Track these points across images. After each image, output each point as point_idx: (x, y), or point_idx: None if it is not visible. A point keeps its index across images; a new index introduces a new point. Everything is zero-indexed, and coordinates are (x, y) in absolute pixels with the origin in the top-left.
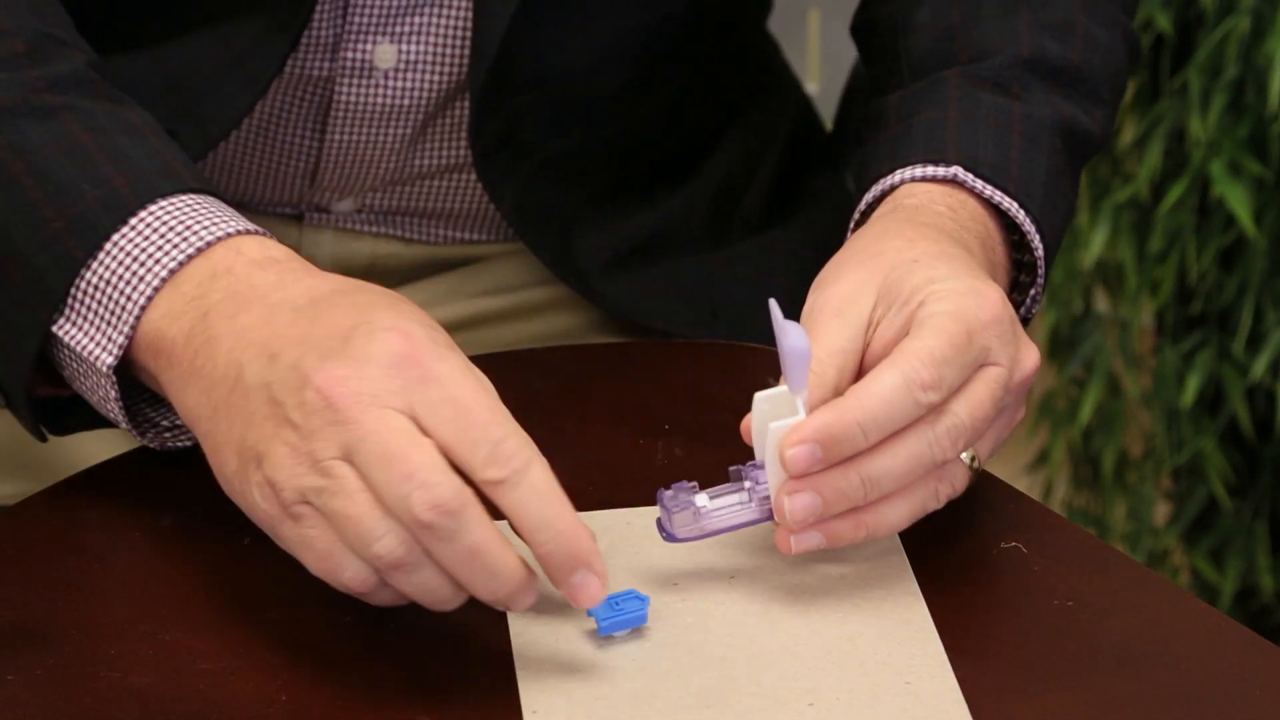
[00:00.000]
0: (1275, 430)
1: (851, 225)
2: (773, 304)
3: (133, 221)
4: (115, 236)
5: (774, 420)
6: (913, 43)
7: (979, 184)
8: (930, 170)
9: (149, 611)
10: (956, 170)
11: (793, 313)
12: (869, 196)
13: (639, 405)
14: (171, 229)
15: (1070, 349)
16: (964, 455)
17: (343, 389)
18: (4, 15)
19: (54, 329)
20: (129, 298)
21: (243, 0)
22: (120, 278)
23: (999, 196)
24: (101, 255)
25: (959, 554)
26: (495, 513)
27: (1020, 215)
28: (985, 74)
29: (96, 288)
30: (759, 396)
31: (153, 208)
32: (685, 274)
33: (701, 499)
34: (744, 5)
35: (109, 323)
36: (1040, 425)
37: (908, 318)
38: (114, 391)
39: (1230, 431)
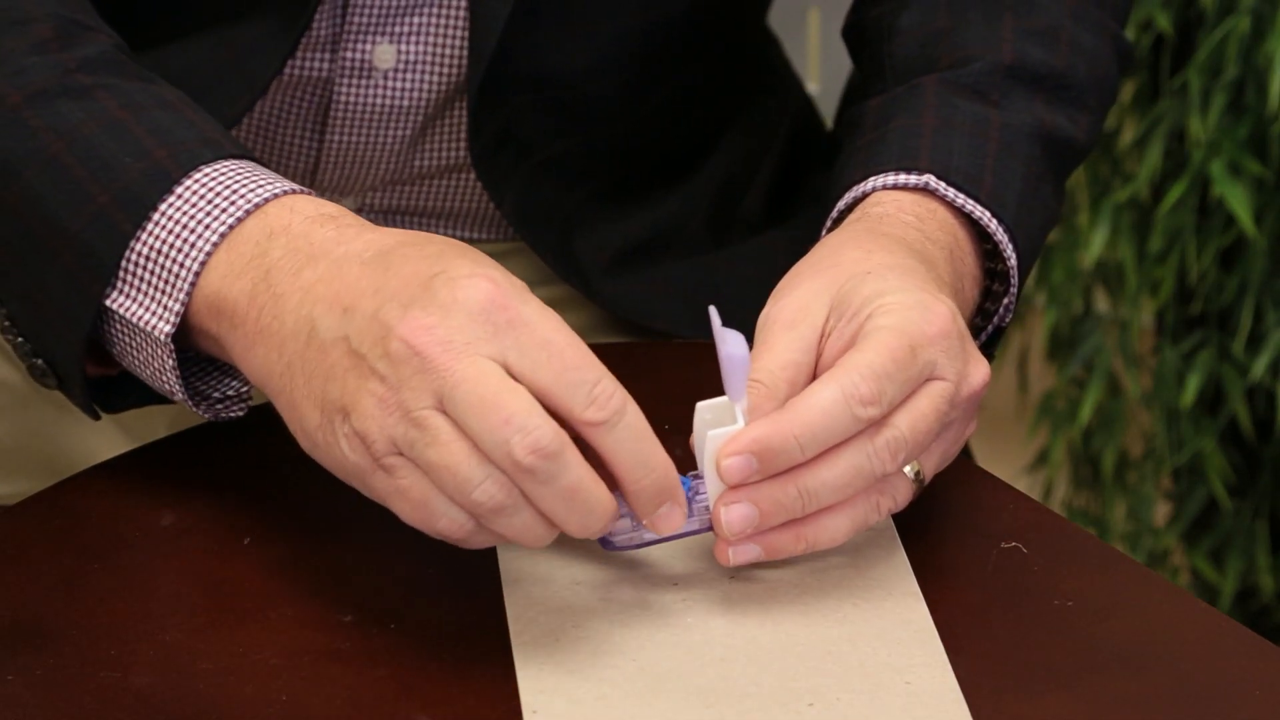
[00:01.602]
0: (1275, 430)
1: (823, 232)
2: (712, 311)
3: (178, 190)
4: (163, 206)
5: (715, 427)
6: (896, 47)
7: (950, 192)
8: (902, 178)
9: (149, 611)
10: (928, 178)
11: None
12: (841, 204)
13: (639, 405)
14: (219, 194)
15: (1070, 349)
16: (908, 469)
17: (430, 337)
18: (29, 2)
19: (107, 302)
20: (182, 265)
21: (245, 2)
22: (171, 245)
23: (970, 205)
24: (150, 226)
25: (959, 554)
26: None
27: (993, 225)
28: (964, 81)
29: (148, 258)
30: (701, 406)
31: (197, 175)
32: (686, 274)
33: None
34: (744, 5)
35: (164, 291)
36: (1040, 425)
37: (856, 330)
38: (171, 360)
39: (1230, 431)
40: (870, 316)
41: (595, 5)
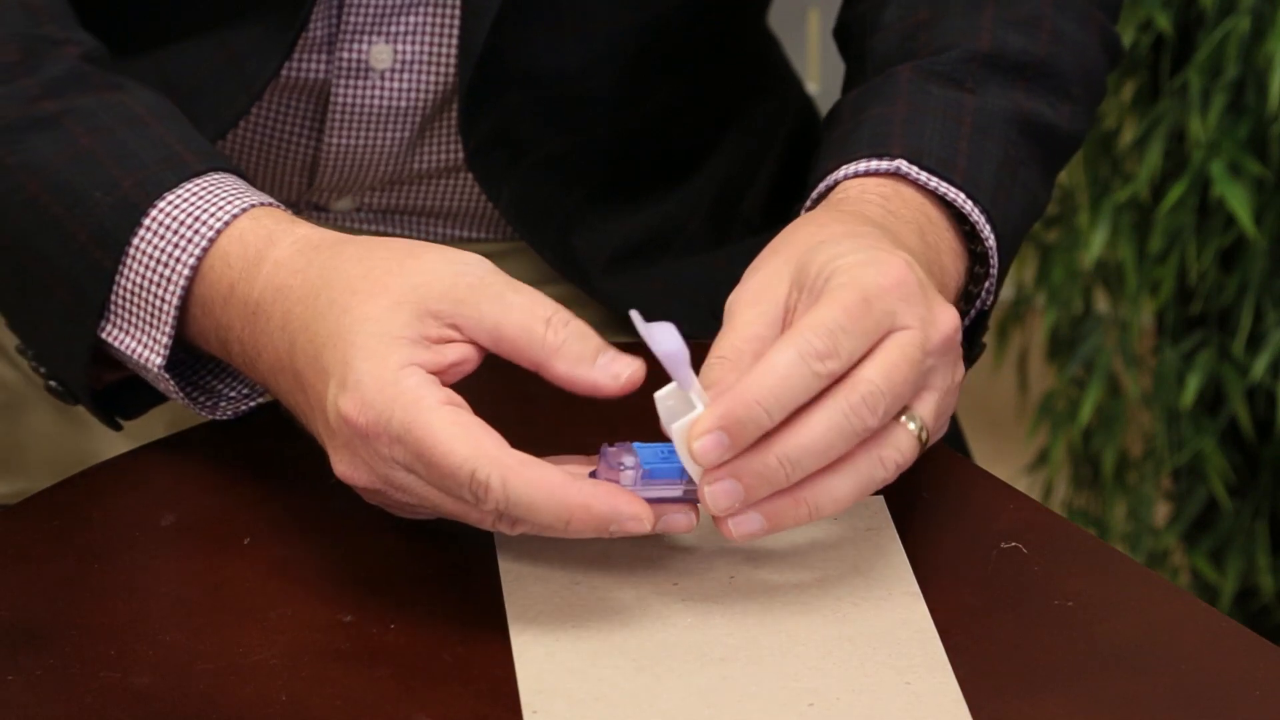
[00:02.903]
0: (1275, 430)
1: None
2: (634, 315)
3: (146, 222)
4: (135, 240)
5: (678, 417)
6: (877, 41)
7: (922, 176)
8: (874, 164)
9: (149, 611)
10: (900, 163)
11: None
12: (814, 194)
13: (640, 406)
14: (183, 224)
15: (1070, 349)
16: (906, 420)
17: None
18: None
19: (101, 335)
20: (162, 299)
21: (241, 3)
22: (150, 280)
23: (944, 187)
24: (128, 260)
25: (959, 554)
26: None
27: (968, 206)
28: (938, 68)
29: (132, 294)
30: (659, 395)
31: (161, 204)
32: (685, 274)
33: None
34: (741, 4)
35: (151, 324)
36: (1040, 425)
37: (816, 297)
38: (173, 385)
39: (1230, 431)
40: (827, 280)
41: (588, 3)
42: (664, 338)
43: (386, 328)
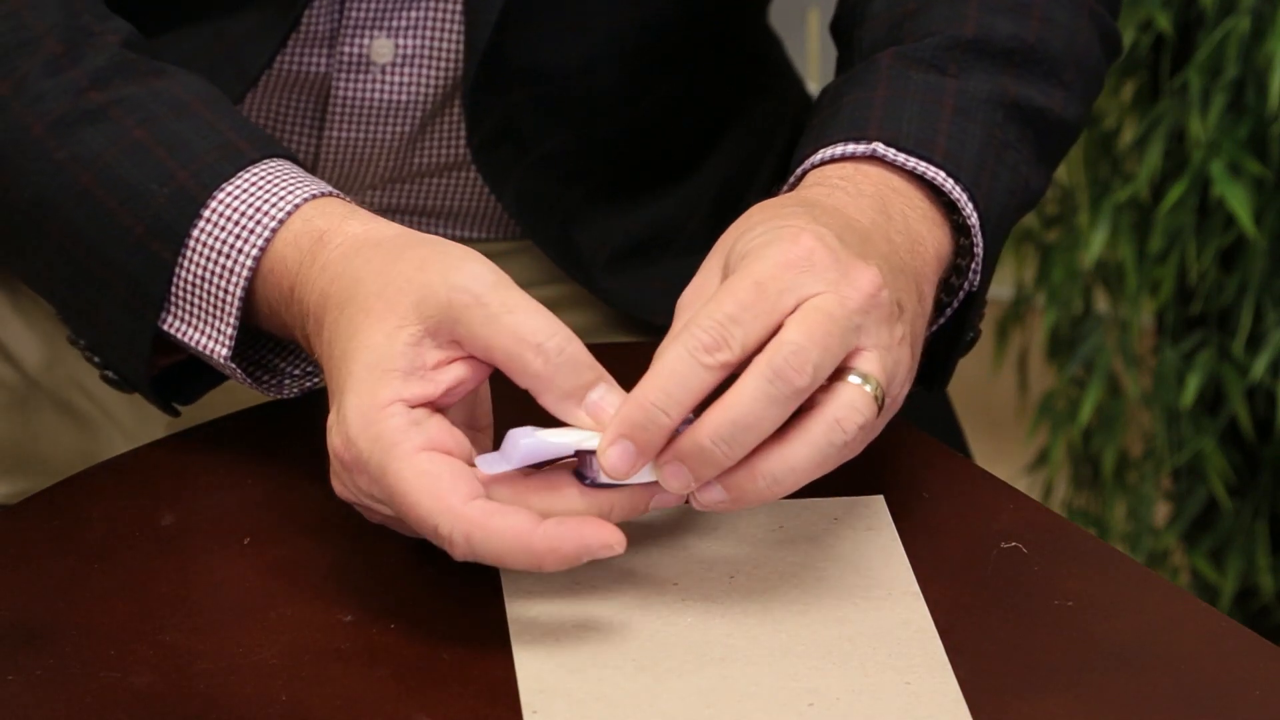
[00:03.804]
0: (1275, 430)
1: None
2: (479, 462)
3: (205, 214)
4: (195, 232)
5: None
6: (865, 31)
7: (900, 157)
8: (851, 148)
9: (149, 611)
10: (876, 146)
11: None
12: (790, 180)
13: None
14: (244, 214)
15: (1070, 349)
16: (867, 386)
17: (337, 483)
18: (34, 15)
19: (163, 326)
20: (226, 290)
21: None
22: (212, 272)
23: (922, 166)
24: (188, 253)
25: (959, 554)
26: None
27: (949, 185)
28: (919, 54)
29: (193, 286)
30: (586, 455)
31: (220, 195)
32: (686, 272)
33: None
34: (742, 2)
35: (215, 314)
36: (1040, 425)
37: None
38: (240, 373)
39: (1230, 431)
40: (738, 266)
41: (589, 0)
42: (514, 450)
43: (381, 357)
